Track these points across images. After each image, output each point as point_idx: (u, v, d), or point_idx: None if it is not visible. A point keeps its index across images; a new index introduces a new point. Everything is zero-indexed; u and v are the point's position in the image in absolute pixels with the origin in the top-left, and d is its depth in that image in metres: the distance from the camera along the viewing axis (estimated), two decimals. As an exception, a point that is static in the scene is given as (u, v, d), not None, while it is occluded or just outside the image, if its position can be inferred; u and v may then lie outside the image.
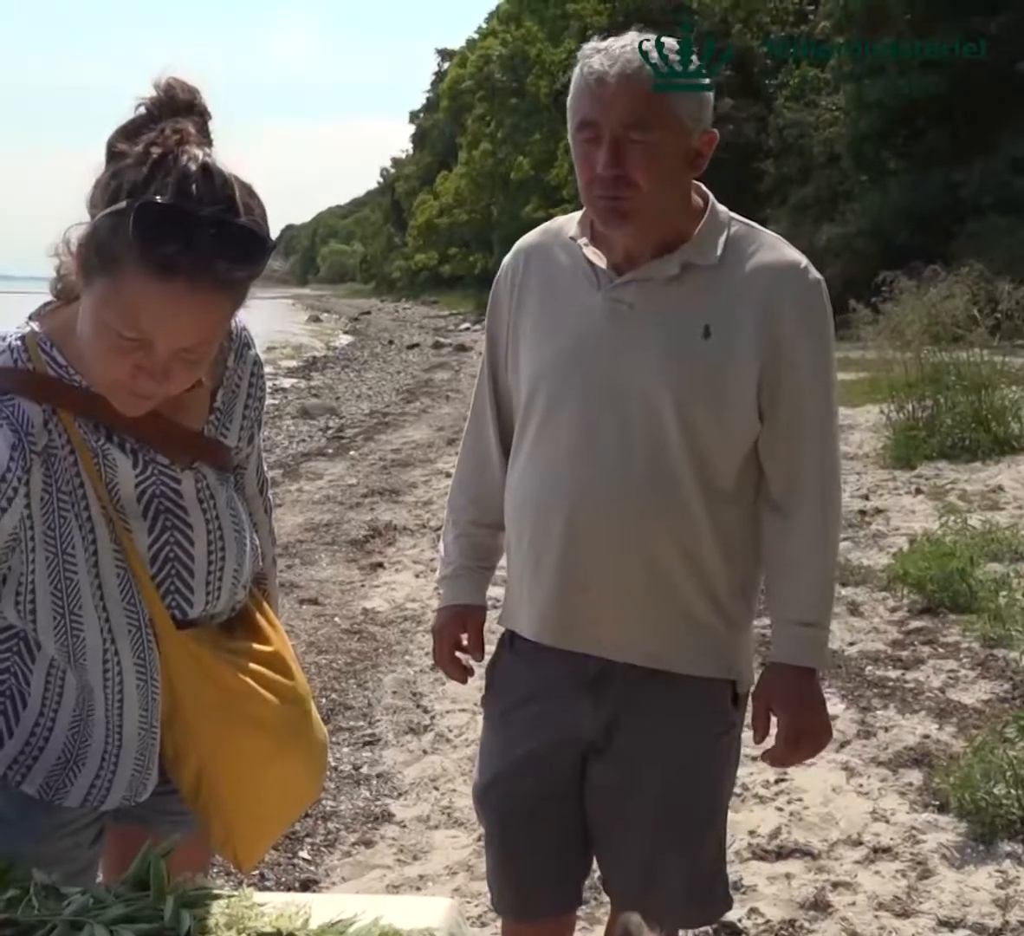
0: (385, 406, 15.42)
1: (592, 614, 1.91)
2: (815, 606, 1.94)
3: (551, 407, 1.91)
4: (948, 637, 4.98)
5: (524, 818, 2.04)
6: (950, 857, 3.21)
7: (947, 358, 9.45)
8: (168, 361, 1.44)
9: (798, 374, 1.87)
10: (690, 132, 1.82)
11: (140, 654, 1.60)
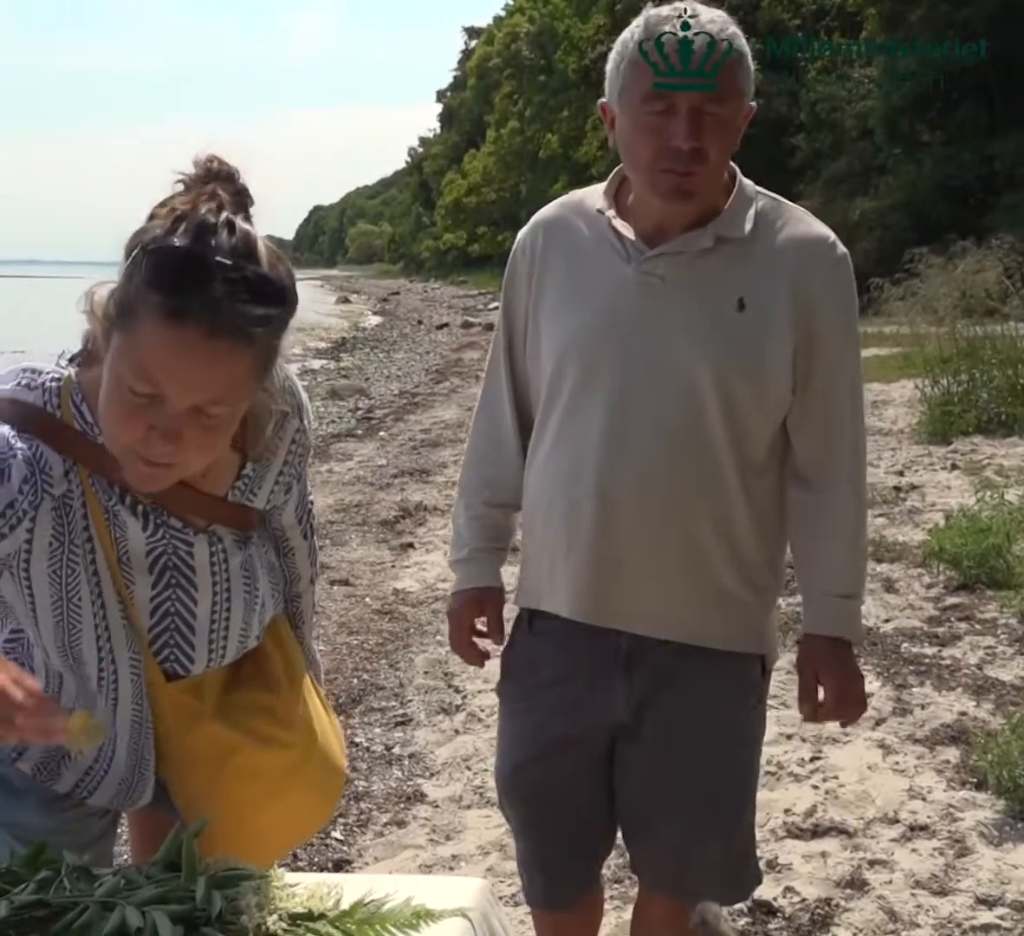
0: (415, 386, 15.43)
1: (627, 590, 1.89)
2: (853, 578, 1.95)
3: (582, 383, 1.87)
4: (985, 613, 4.93)
5: (556, 803, 2.02)
6: (988, 835, 3.18)
7: (981, 332, 9.34)
8: (181, 420, 1.36)
9: (831, 347, 1.86)
10: (746, 105, 1.81)
11: (137, 700, 1.60)
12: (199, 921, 1.28)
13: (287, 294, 1.38)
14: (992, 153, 20.85)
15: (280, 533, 1.78)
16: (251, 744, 1.68)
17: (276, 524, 1.76)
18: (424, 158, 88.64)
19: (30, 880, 1.34)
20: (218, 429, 1.41)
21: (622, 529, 1.87)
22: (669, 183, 1.77)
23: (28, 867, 1.38)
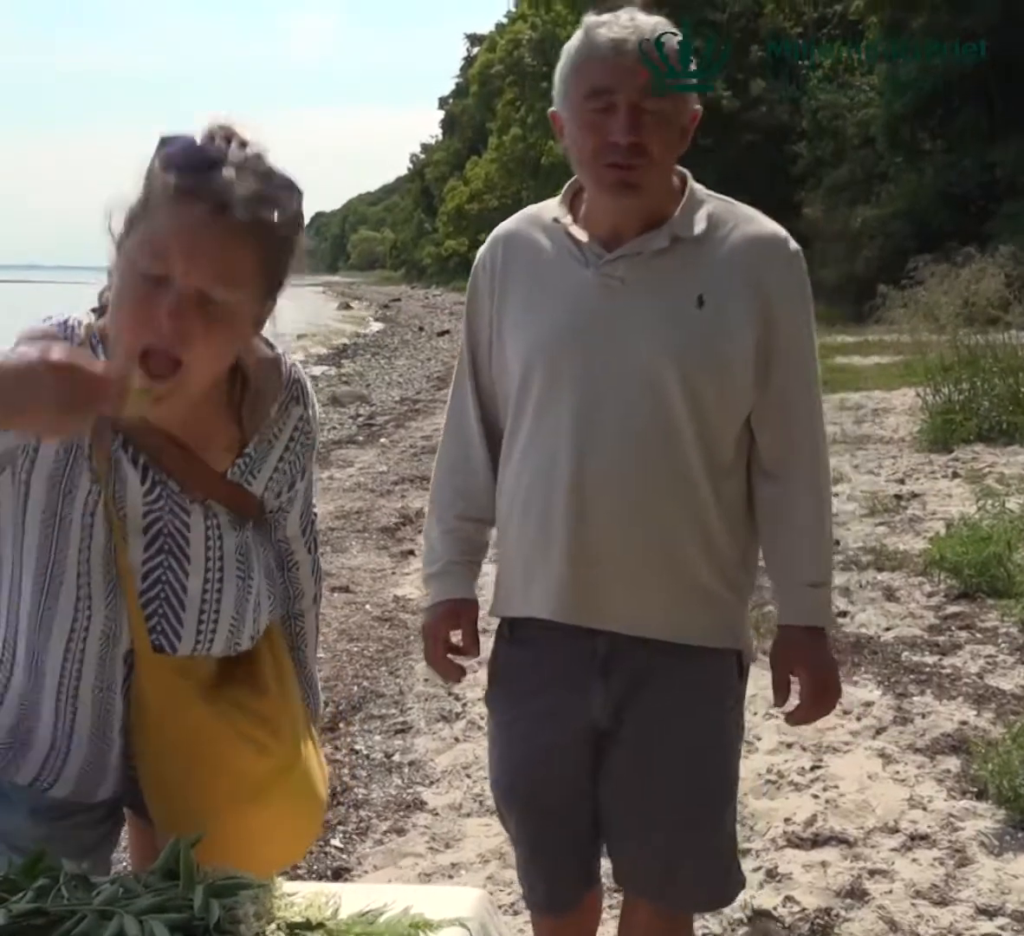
0: (416, 393, 15.43)
1: (603, 588, 1.91)
2: (819, 567, 1.97)
3: (549, 387, 1.89)
4: (986, 622, 4.92)
5: (550, 810, 2.03)
6: (988, 844, 3.17)
7: (983, 340, 9.35)
8: (188, 302, 1.38)
9: (789, 341, 1.91)
10: (689, 106, 1.86)
11: (104, 662, 1.58)
12: (197, 930, 1.28)
13: (294, 187, 1.44)
14: (993, 161, 20.87)
15: (285, 546, 1.77)
16: (234, 739, 1.64)
17: (281, 535, 1.75)
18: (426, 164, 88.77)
19: (28, 888, 1.34)
20: (223, 327, 1.43)
21: (595, 528, 1.89)
22: (612, 177, 1.82)
23: (26, 875, 1.38)
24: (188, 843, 1.39)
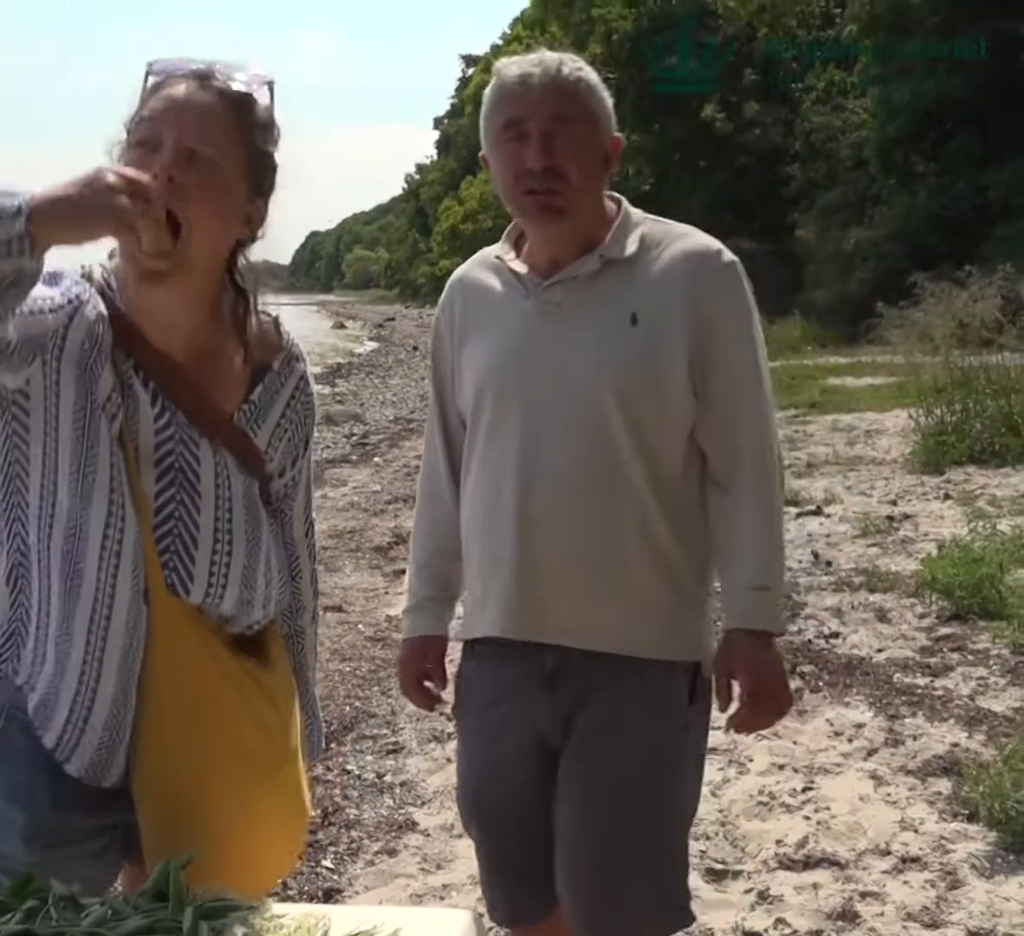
0: (410, 412, 15.45)
1: (552, 603, 1.94)
2: (763, 570, 1.95)
3: (496, 413, 1.96)
4: (977, 644, 4.93)
5: (507, 824, 2.04)
6: (980, 867, 3.17)
7: (976, 362, 9.39)
8: (179, 159, 1.51)
9: (726, 351, 1.93)
10: (604, 130, 1.92)
11: (136, 595, 1.58)
12: (186, 952, 1.27)
13: (269, 81, 1.60)
14: (986, 183, 20.96)
15: (291, 549, 1.82)
16: (242, 709, 1.66)
17: (288, 536, 1.80)
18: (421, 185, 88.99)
19: (17, 910, 1.34)
20: (214, 187, 1.54)
21: (542, 546, 1.92)
22: (532, 203, 1.89)
23: (15, 897, 1.37)
24: (178, 865, 1.39)
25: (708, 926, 2.95)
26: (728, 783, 3.75)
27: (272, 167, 1.64)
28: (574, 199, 1.87)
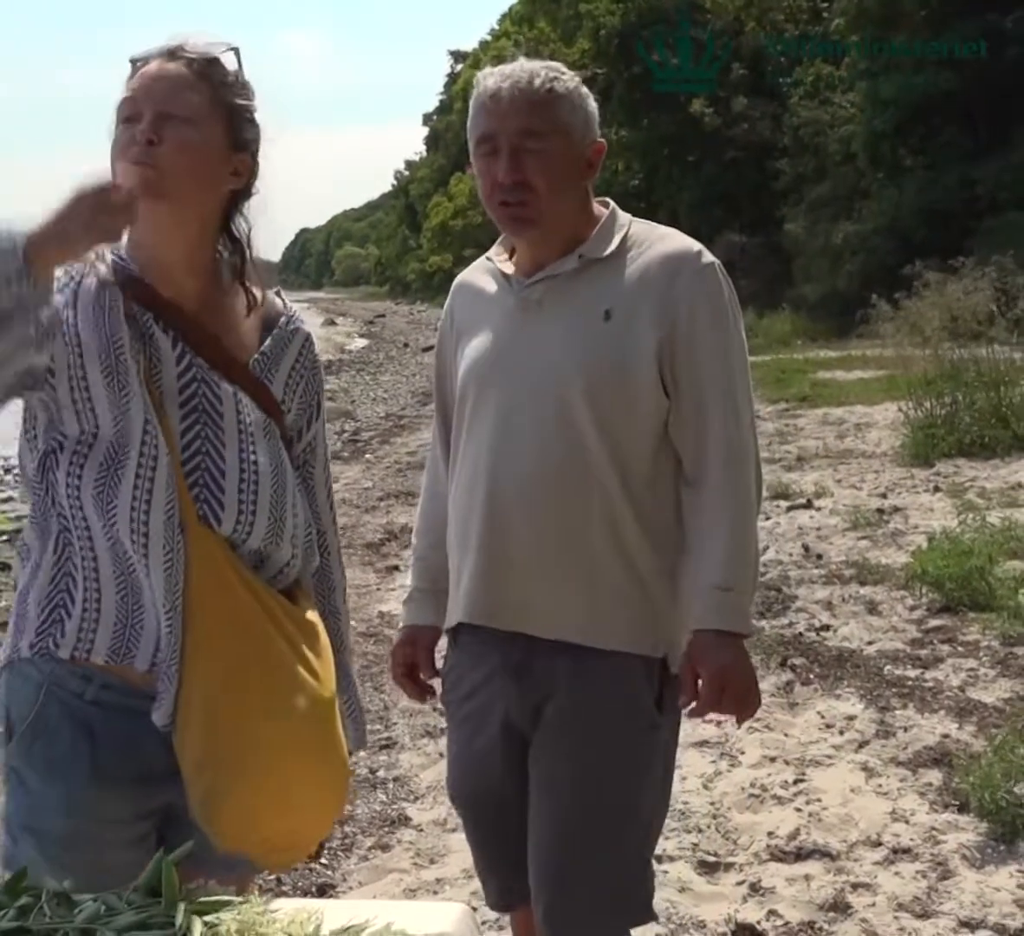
0: (401, 409, 15.46)
1: (518, 590, 1.97)
2: (730, 570, 1.92)
3: (476, 407, 2.02)
4: (967, 636, 4.95)
5: (490, 812, 2.09)
6: (970, 857, 3.19)
7: (966, 354, 9.41)
8: (155, 123, 1.64)
9: (696, 349, 1.93)
10: (580, 140, 1.96)
11: (170, 543, 1.65)
12: (179, 947, 1.28)
13: (233, 51, 1.73)
14: (974, 178, 21.00)
15: (318, 521, 1.91)
16: (277, 637, 1.71)
17: (314, 504, 1.90)
18: (410, 181, 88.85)
19: (10, 906, 1.34)
20: (190, 142, 1.66)
21: (510, 532, 1.96)
22: (506, 214, 1.96)
23: (8, 893, 1.38)
24: (171, 861, 1.40)
25: (700, 918, 2.96)
26: (720, 775, 3.77)
27: (249, 120, 1.74)
28: (543, 209, 1.93)
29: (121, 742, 1.68)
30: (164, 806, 1.73)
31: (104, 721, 1.68)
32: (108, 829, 1.68)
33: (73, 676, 1.68)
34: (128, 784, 1.69)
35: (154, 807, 1.72)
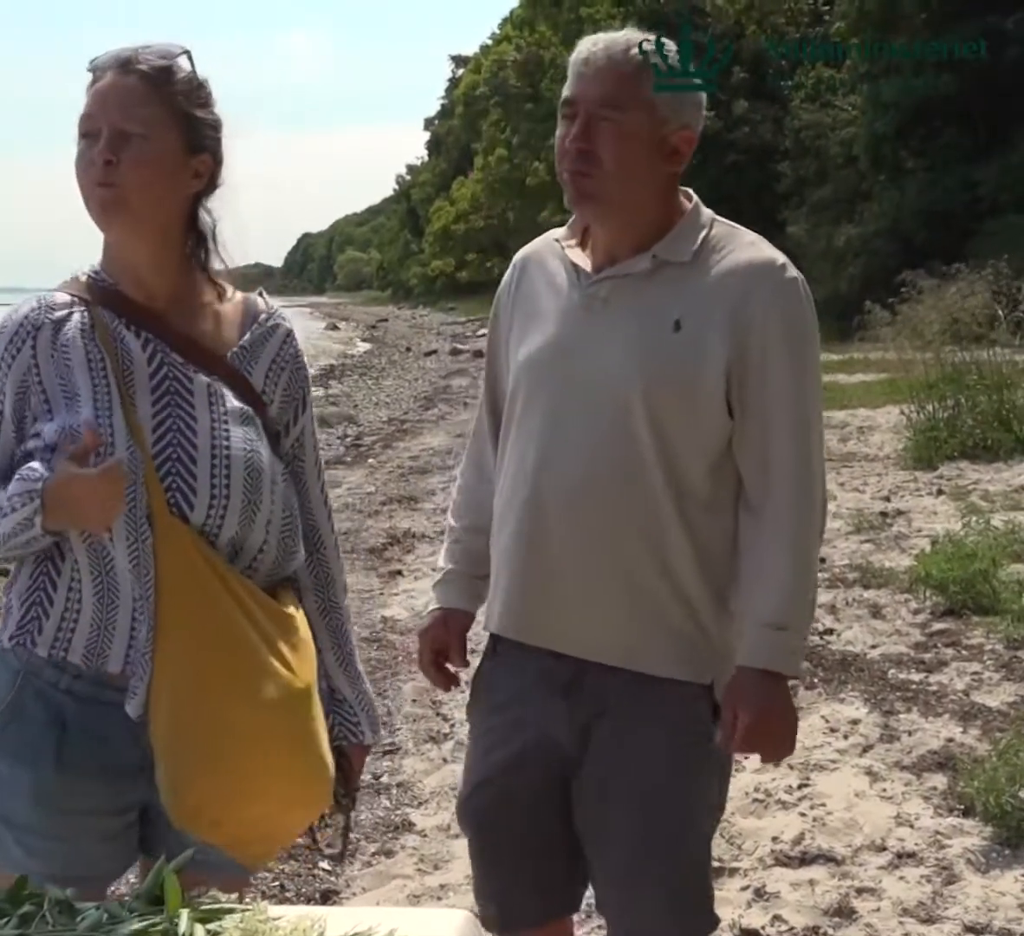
0: (403, 413, 15.44)
1: (559, 608, 1.90)
2: (786, 609, 1.85)
3: (527, 402, 1.93)
4: (971, 639, 4.94)
5: (501, 826, 2.00)
6: (975, 862, 3.18)
7: (968, 357, 9.40)
8: (113, 141, 1.69)
9: (769, 370, 1.84)
10: (664, 121, 1.84)
11: (134, 534, 1.68)
12: (182, 955, 1.27)
13: (185, 51, 1.76)
14: (975, 179, 21.01)
15: (310, 519, 1.89)
16: (250, 629, 1.72)
17: (306, 501, 1.88)
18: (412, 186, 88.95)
19: (12, 914, 1.34)
20: (146, 157, 1.70)
21: (553, 546, 1.88)
22: (569, 183, 1.86)
23: (10, 901, 1.37)
24: (171, 869, 1.39)
25: (705, 923, 2.95)
26: (724, 780, 3.76)
27: (207, 121, 1.78)
28: (607, 186, 1.82)
29: (91, 734, 1.71)
30: (140, 806, 1.75)
31: (76, 712, 1.71)
32: (77, 820, 1.72)
33: (48, 665, 1.72)
34: (96, 776, 1.71)
35: (126, 804, 1.75)
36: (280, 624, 1.77)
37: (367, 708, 1.95)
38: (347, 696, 1.92)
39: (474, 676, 2.10)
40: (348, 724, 1.91)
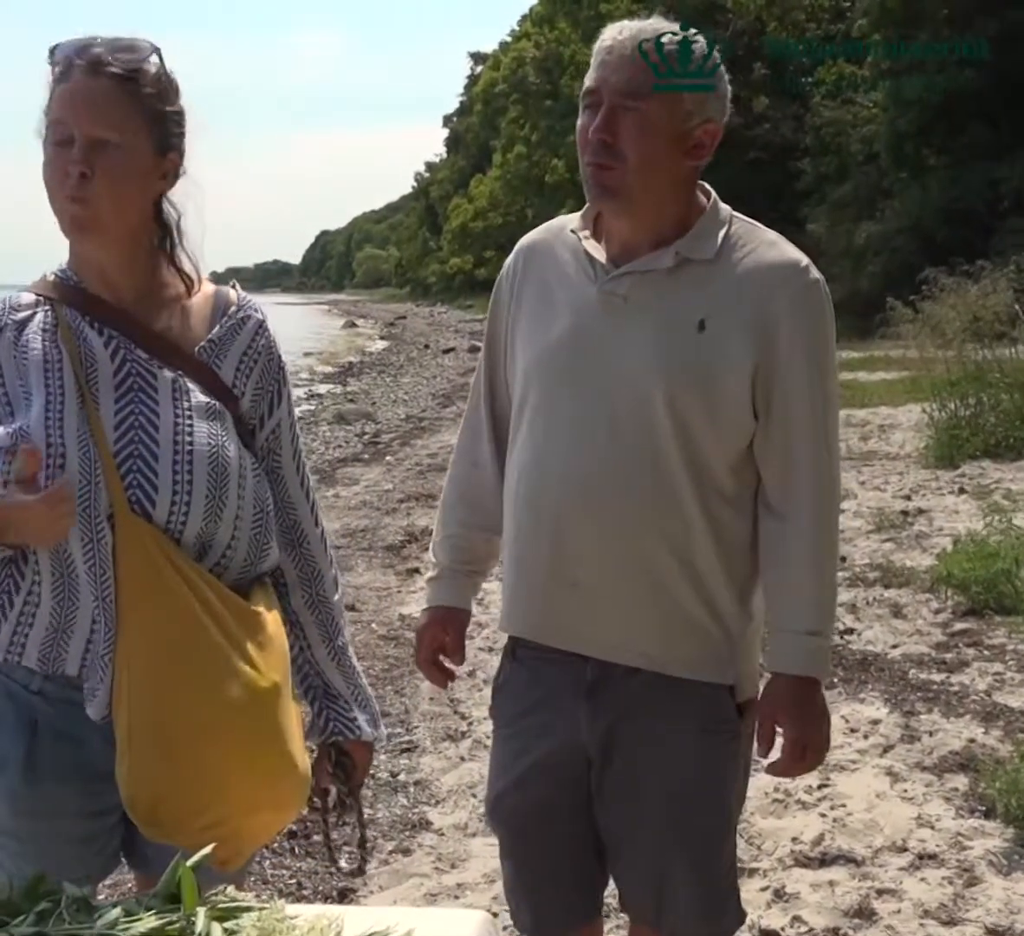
0: (421, 411, 15.45)
1: (582, 610, 1.88)
2: (816, 614, 1.86)
3: (543, 400, 1.89)
4: (993, 639, 4.91)
5: (533, 829, 2.00)
6: (997, 863, 3.15)
7: (990, 355, 9.35)
8: (87, 151, 1.65)
9: (792, 372, 1.82)
10: (689, 114, 1.80)
11: (89, 533, 1.66)
12: (198, 954, 1.27)
13: (153, 47, 1.72)
14: (998, 177, 20.89)
15: (292, 513, 1.85)
16: (218, 629, 1.69)
17: (284, 496, 1.84)
18: (430, 183, 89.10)
19: (29, 911, 1.34)
20: (119, 168, 1.68)
21: (577, 548, 1.86)
22: (590, 176, 1.82)
23: (27, 898, 1.37)
24: (188, 867, 1.39)
25: (724, 924, 2.94)
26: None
27: (174, 120, 1.75)
28: (630, 180, 1.78)
29: (63, 736, 1.70)
30: (120, 808, 1.71)
31: (48, 713, 1.70)
32: (52, 823, 1.70)
33: (20, 667, 1.71)
34: (69, 778, 1.70)
35: (104, 807, 1.72)
36: (246, 623, 1.73)
37: (364, 703, 1.92)
38: (341, 691, 1.89)
39: (496, 677, 2.09)
40: (344, 720, 1.88)
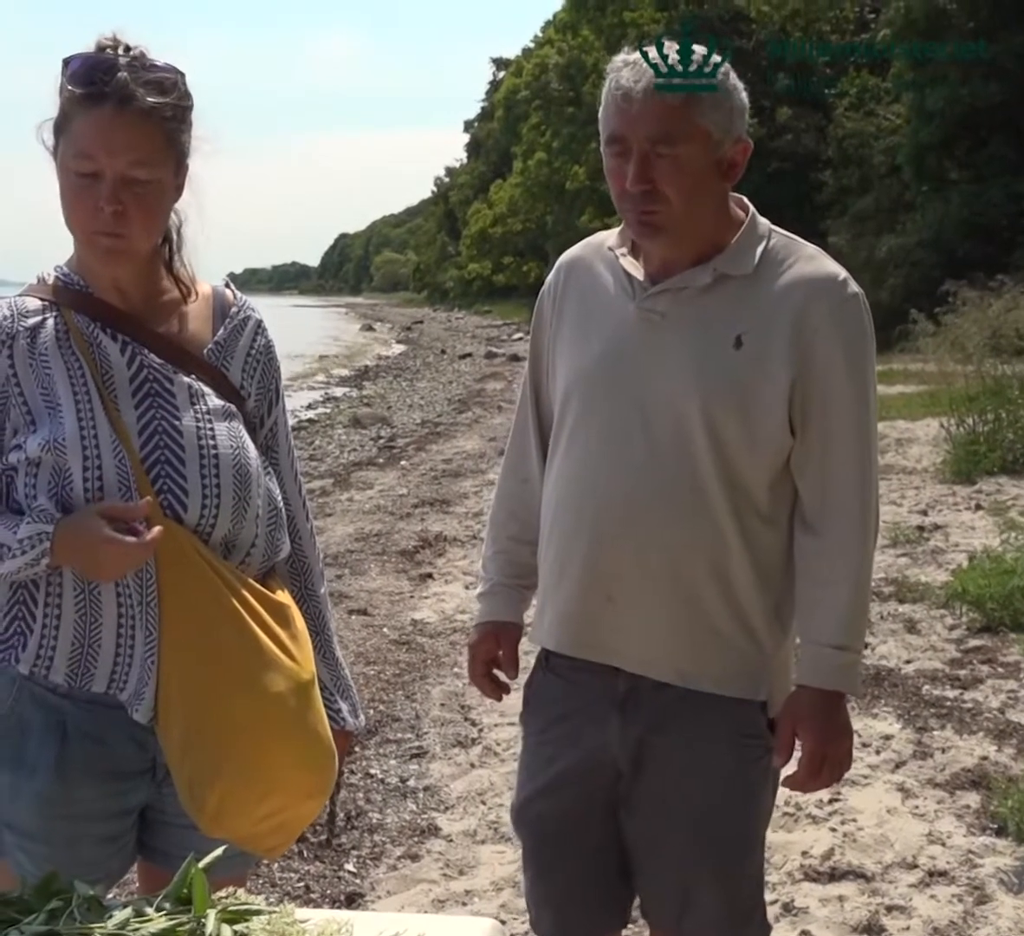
0: (437, 416, 15.45)
1: (616, 625, 1.89)
2: (848, 629, 1.87)
3: (582, 415, 1.91)
4: (1008, 656, 4.88)
5: (559, 837, 2.00)
6: (1008, 882, 3.14)
7: (1009, 371, 9.30)
8: (118, 189, 1.66)
9: (831, 389, 1.82)
10: (719, 143, 1.81)
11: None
12: (209, 957, 1.27)
13: (177, 71, 1.72)
14: (1020, 191, 20.81)
15: (288, 508, 1.88)
16: (255, 621, 1.73)
17: (280, 485, 1.87)
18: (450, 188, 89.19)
19: (41, 910, 1.34)
20: (151, 201, 1.70)
21: (612, 563, 1.87)
22: (634, 219, 1.84)
23: (39, 897, 1.38)
24: (200, 868, 1.39)
25: (732, 937, 2.92)
26: (753, 793, 3.72)
27: (188, 136, 1.76)
28: (675, 217, 1.80)
29: (92, 737, 1.71)
30: (140, 808, 1.75)
31: (76, 715, 1.71)
32: (79, 825, 1.72)
33: (47, 679, 1.71)
34: (98, 780, 1.71)
35: (128, 807, 1.75)
36: (279, 616, 1.78)
37: (347, 694, 1.97)
38: (327, 683, 1.93)
39: (526, 685, 2.09)
40: (329, 711, 1.91)
